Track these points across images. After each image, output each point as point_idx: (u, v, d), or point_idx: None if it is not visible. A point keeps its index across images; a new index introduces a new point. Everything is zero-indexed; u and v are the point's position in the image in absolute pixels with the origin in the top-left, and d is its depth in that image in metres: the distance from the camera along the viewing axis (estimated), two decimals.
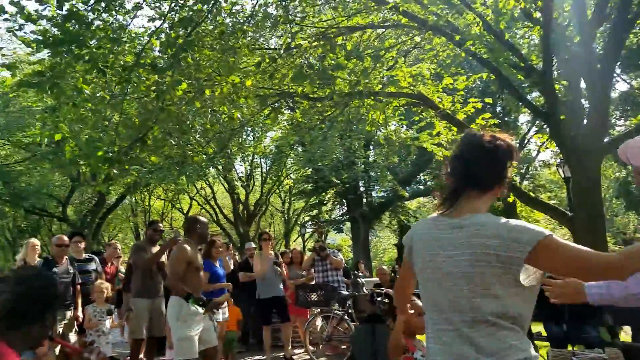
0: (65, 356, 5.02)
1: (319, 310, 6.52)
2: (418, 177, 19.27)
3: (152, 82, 6.31)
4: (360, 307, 6.38)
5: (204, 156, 9.93)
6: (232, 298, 6.12)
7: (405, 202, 19.66)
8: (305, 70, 6.47)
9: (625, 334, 5.42)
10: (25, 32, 5.62)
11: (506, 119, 14.28)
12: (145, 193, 20.05)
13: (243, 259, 7.61)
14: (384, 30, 7.91)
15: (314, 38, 6.69)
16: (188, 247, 4.10)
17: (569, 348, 4.53)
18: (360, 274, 9.30)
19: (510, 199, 8.13)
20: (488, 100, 8.48)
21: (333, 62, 6.95)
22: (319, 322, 6.73)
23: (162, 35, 6.17)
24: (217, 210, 20.55)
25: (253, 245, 7.87)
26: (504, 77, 7.69)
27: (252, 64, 6.77)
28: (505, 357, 1.39)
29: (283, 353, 6.47)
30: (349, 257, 19.75)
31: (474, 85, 11.29)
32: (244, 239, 17.39)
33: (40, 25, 5.29)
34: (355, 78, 6.93)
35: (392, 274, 8.56)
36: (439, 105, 7.46)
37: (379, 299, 6.00)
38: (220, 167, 15.81)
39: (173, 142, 7.62)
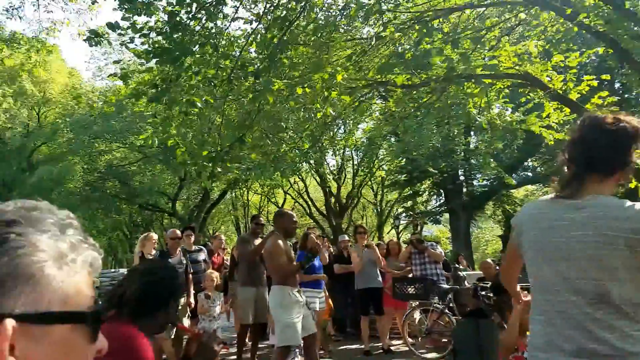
0: (179, 340, 5.42)
1: (418, 303, 6.47)
2: (525, 163, 17.81)
3: (250, 84, 6.50)
4: (462, 301, 6.19)
5: (297, 152, 10.12)
6: (327, 289, 6.30)
7: (511, 191, 18.31)
8: (393, 60, 6.25)
9: None
10: (135, 44, 6.08)
11: (627, 96, 12.67)
12: (244, 189, 21.01)
13: (337, 251, 7.71)
14: (484, 9, 7.35)
15: (407, 24, 6.42)
16: (279, 241, 4.27)
17: None
18: (461, 267, 8.98)
19: (632, 184, 7.20)
20: (605, 77, 7.58)
21: (429, 45, 6.62)
22: (417, 315, 6.67)
23: (258, 37, 6.32)
24: (310, 203, 20.93)
25: (347, 237, 7.97)
26: (623, 50, 6.79)
27: (343, 57, 6.68)
28: (620, 345, 1.31)
29: (381, 344, 6.49)
30: (448, 249, 18.96)
31: (587, 62, 10.15)
32: (336, 231, 17.50)
33: (149, 38, 5.64)
34: (453, 63, 6.56)
35: (497, 268, 8.04)
36: (549, 85, 6.79)
37: (483, 293, 5.82)
38: (312, 162, 16.03)
39: (269, 142, 7.83)
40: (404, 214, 21.92)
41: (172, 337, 5.27)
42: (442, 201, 19.51)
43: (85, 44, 5.75)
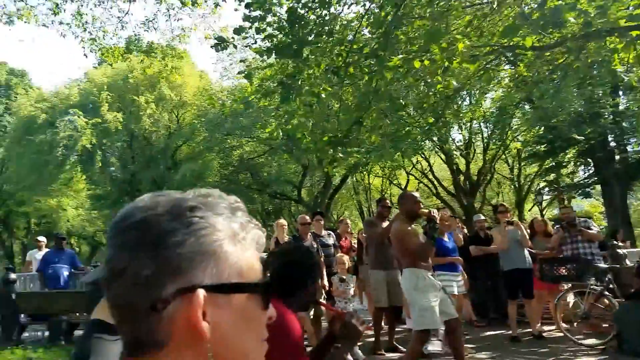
0: (318, 320, 5.66)
1: (571, 285, 5.88)
2: None
3: (365, 66, 6.39)
4: (624, 282, 5.59)
5: (419, 129, 9.75)
6: (465, 272, 6.03)
7: None
8: (518, 21, 5.59)
9: None
10: (255, 43, 6.37)
11: None
12: (365, 172, 21.09)
13: (472, 232, 7.36)
14: None
15: None
16: (403, 224, 4.22)
17: None
18: (620, 243, 7.93)
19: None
20: None
21: (559, 1, 5.80)
22: (570, 298, 6.06)
23: (371, 17, 6.17)
24: (436, 183, 20.18)
25: (482, 217, 7.57)
26: None
27: (462, 25, 6.20)
28: None
29: (530, 329, 6.02)
30: (602, 225, 16.72)
31: None
32: (469, 211, 16.60)
33: (271, 37, 5.84)
34: (590, 17, 5.66)
35: None
36: None
37: None
38: (435, 139, 15.35)
39: (388, 122, 7.66)
40: (547, 189, 19.88)
41: (312, 317, 5.50)
42: (591, 172, 17.20)
43: (212, 49, 6.18)
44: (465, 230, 7.77)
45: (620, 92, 13.40)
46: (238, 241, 0.57)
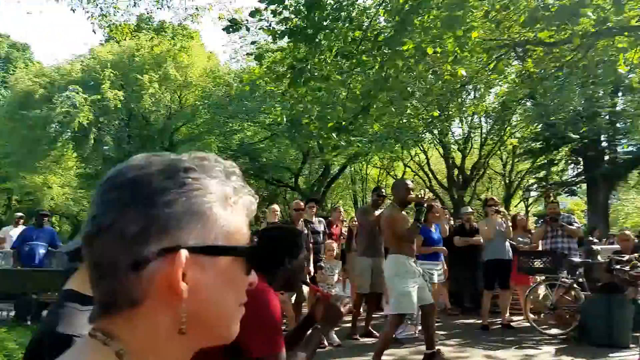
0: (299, 306, 5.77)
1: (544, 277, 6.16)
2: None
3: (377, 54, 6.49)
4: (594, 276, 5.85)
5: (421, 121, 9.87)
6: (446, 262, 6.23)
7: None
8: (540, 13, 5.73)
9: None
10: (270, 26, 6.42)
11: None
12: (363, 163, 21.25)
13: (458, 224, 7.54)
14: None
15: None
16: (395, 210, 4.35)
17: None
18: (595, 240, 8.43)
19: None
20: None
21: None
22: (541, 290, 6.33)
23: (389, 5, 6.27)
24: (431, 175, 20.45)
25: (470, 209, 7.76)
26: None
27: (479, 16, 6.33)
28: None
29: (500, 319, 6.33)
30: (583, 223, 17.12)
31: None
32: (458, 204, 16.88)
33: (286, 21, 5.92)
34: (606, 13, 5.83)
35: (637, 240, 7.32)
36: None
37: (618, 266, 5.51)
38: (436, 132, 15.53)
39: (393, 110, 7.78)
40: (535, 185, 20.29)
41: (293, 302, 5.60)
42: (579, 170, 17.61)
43: (224, 31, 6.22)
44: (452, 222, 7.98)
45: (620, 93, 13.67)
46: (229, 205, 0.57)
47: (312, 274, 5.77)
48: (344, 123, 7.12)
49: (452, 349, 5.23)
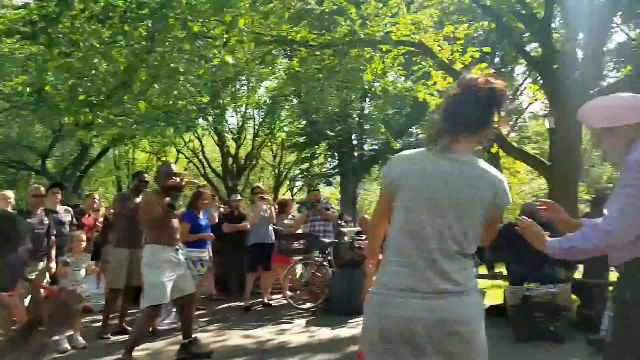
0: (37, 305, 4.80)
1: (300, 257, 6.79)
2: (410, 129, 19.04)
3: (144, 29, 5.91)
4: (340, 254, 6.60)
5: (194, 107, 9.55)
6: (214, 249, 6.26)
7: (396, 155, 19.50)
8: (303, 13, 6.15)
9: (579, 272, 5.81)
10: None
11: (503, 70, 14.05)
12: (130, 146, 19.50)
13: (228, 211, 7.65)
14: None
15: None
16: (152, 195, 4.21)
17: (525, 285, 4.77)
18: (343, 223, 9.56)
19: (494, 150, 8.10)
20: (486, 49, 8.25)
21: (335, 7, 6.61)
22: (299, 269, 6.95)
23: None
24: (205, 163, 20.22)
25: (239, 197, 7.97)
26: (504, 25, 7.45)
27: (247, 3, 6.37)
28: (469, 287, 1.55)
29: (261, 299, 6.76)
30: (336, 209, 19.89)
31: (475, 35, 10.96)
32: (232, 192, 17.22)
33: None
34: (356, 26, 6.65)
35: None
36: (438, 55, 7.24)
37: (359, 245, 6.32)
38: (210, 119, 15.34)
39: (157, 86, 7.25)
40: (299, 176, 22.31)
41: (28, 305, 4.59)
42: (335, 164, 20.20)
43: None
44: (222, 209, 8.04)
45: (367, 99, 16.06)
46: None
47: (52, 271, 4.91)
48: (101, 97, 6.29)
49: (212, 334, 5.14)
